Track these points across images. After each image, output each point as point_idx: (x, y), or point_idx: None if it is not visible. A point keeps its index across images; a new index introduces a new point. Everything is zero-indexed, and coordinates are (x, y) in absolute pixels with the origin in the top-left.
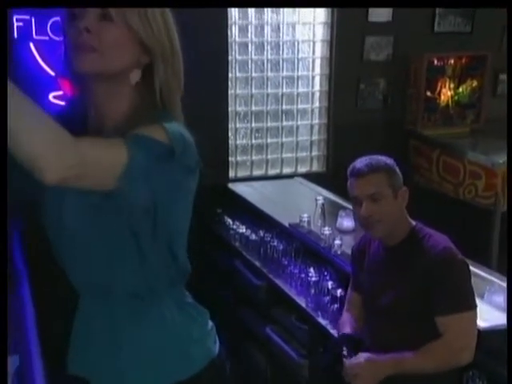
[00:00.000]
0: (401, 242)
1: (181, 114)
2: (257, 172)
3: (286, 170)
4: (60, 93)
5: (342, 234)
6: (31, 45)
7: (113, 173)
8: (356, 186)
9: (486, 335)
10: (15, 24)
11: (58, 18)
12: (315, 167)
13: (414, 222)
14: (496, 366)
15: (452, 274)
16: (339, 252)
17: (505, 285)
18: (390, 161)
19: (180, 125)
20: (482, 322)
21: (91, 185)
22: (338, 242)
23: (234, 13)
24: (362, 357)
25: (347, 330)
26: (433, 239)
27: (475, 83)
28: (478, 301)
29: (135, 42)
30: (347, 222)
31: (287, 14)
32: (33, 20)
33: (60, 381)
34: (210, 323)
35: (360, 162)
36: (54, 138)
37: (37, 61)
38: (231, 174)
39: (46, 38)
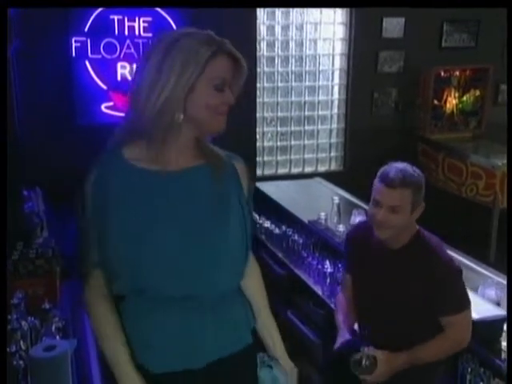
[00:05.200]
0: (403, 247)
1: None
2: (281, 171)
3: (308, 169)
4: (111, 104)
5: None
6: (87, 62)
7: None
8: (383, 194)
9: (478, 325)
10: (73, 44)
11: (109, 39)
12: (333, 166)
13: (417, 227)
14: (487, 351)
15: (450, 281)
16: None
17: (498, 279)
18: (420, 177)
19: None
20: (475, 314)
21: None
22: None
23: (262, 29)
24: (381, 359)
25: (340, 312)
26: (432, 248)
27: (478, 93)
28: (471, 294)
29: None
30: (359, 220)
31: (309, 30)
32: (88, 41)
33: None
34: None
35: (395, 173)
36: None
37: (91, 76)
38: (258, 172)
39: (99, 56)
